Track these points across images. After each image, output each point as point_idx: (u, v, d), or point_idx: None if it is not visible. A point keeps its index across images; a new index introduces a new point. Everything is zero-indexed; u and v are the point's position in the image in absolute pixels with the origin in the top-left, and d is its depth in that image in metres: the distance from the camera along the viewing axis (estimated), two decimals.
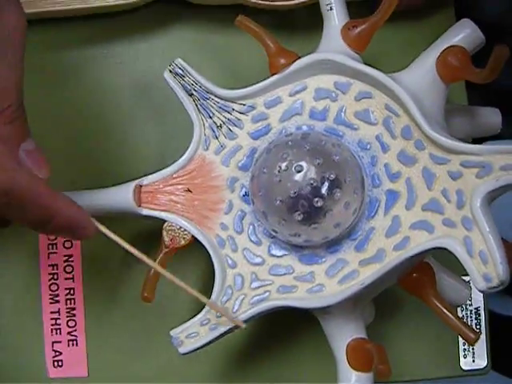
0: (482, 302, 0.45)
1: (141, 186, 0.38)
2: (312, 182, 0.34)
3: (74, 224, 0.33)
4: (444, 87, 0.36)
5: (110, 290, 0.45)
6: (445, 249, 0.32)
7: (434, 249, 0.33)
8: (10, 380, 0.45)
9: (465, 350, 0.45)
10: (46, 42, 0.46)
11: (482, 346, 0.45)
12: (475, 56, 0.37)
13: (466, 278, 0.41)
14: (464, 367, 0.45)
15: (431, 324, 0.45)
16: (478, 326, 0.45)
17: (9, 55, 0.31)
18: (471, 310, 0.45)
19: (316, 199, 0.34)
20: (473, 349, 0.45)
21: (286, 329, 0.45)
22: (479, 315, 0.45)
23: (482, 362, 0.45)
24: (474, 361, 0.45)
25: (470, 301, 0.45)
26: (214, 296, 0.37)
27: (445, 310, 0.35)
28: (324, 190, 0.34)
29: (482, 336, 0.45)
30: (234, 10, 0.42)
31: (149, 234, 0.43)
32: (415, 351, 0.45)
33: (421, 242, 0.34)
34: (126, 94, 0.46)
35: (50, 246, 0.45)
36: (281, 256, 0.38)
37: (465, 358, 0.45)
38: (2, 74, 0.31)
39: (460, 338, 0.45)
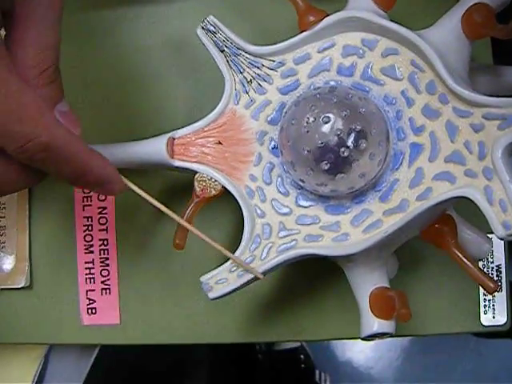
0: (504, 259, 0.46)
1: (174, 138, 0.40)
2: (339, 132, 0.36)
3: (105, 180, 0.35)
4: (468, 44, 0.37)
5: (141, 241, 0.46)
6: (466, 198, 0.34)
7: (455, 198, 0.34)
8: (46, 327, 0.47)
9: (485, 306, 0.46)
10: (79, 3, 0.47)
11: (502, 302, 0.46)
12: (500, 14, 0.38)
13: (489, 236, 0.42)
14: (484, 323, 0.46)
15: (453, 280, 0.46)
16: (499, 283, 0.46)
17: (49, 17, 0.32)
18: (492, 268, 0.46)
19: (342, 149, 0.36)
20: (493, 305, 0.46)
21: (310, 281, 0.46)
22: (500, 272, 0.46)
23: (502, 318, 0.46)
24: (494, 317, 0.46)
25: (492, 258, 0.46)
26: (243, 244, 0.38)
27: (465, 260, 0.36)
28: (350, 141, 0.36)
29: (502, 292, 0.46)
30: None
31: (181, 187, 0.44)
32: (436, 306, 0.46)
33: (443, 192, 0.35)
34: (158, 52, 0.47)
35: (85, 199, 0.46)
36: (307, 206, 0.39)
37: (485, 314, 0.46)
38: (43, 36, 0.32)
39: (481, 295, 0.46)
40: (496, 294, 0.46)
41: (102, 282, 0.46)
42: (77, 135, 0.33)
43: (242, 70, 0.40)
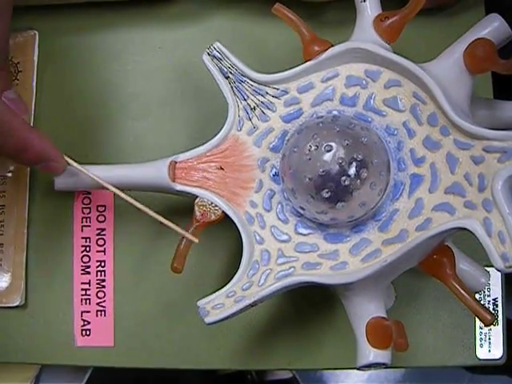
0: (500, 292, 0.46)
1: (176, 162, 0.40)
2: (340, 161, 0.36)
3: (46, 156, 0.37)
4: (470, 78, 0.38)
5: (139, 264, 0.46)
6: (465, 229, 0.34)
7: (454, 229, 0.34)
8: (39, 347, 0.47)
9: (481, 339, 0.46)
10: (86, 25, 0.48)
11: (498, 335, 0.46)
12: (502, 49, 0.38)
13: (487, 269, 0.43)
14: (480, 356, 0.46)
15: (449, 312, 0.46)
16: (495, 316, 0.46)
17: None
18: (489, 301, 0.46)
19: (343, 178, 0.36)
20: (489, 338, 0.46)
21: (307, 309, 0.46)
22: (497, 305, 0.46)
23: (497, 352, 0.46)
24: (489, 350, 0.46)
25: (489, 291, 0.46)
26: (241, 269, 0.38)
27: (462, 291, 0.37)
28: (351, 170, 0.36)
29: (498, 326, 0.46)
30: (268, 0, 0.44)
31: (180, 209, 0.44)
32: (432, 338, 0.46)
33: (442, 223, 0.35)
34: (163, 77, 0.48)
35: (84, 220, 0.46)
36: (307, 234, 0.39)
37: (481, 347, 0.46)
38: None
39: (477, 328, 0.46)
40: (492, 327, 0.46)
41: (98, 304, 0.46)
42: (17, 113, 0.35)
43: (245, 97, 0.40)
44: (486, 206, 0.34)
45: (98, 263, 0.46)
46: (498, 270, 0.33)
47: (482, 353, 0.46)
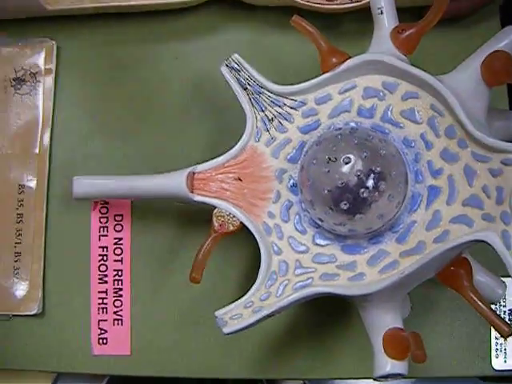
0: None
1: (194, 173, 0.40)
2: (359, 173, 0.36)
3: None
4: (488, 90, 0.38)
5: (156, 273, 0.47)
6: (483, 241, 0.34)
7: (472, 241, 0.35)
8: (55, 355, 0.47)
9: (497, 349, 0.46)
10: (104, 37, 0.49)
11: None
12: None
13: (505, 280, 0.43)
14: (495, 367, 0.46)
15: (464, 323, 0.46)
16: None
17: None
18: (505, 311, 0.46)
19: (362, 190, 0.36)
20: (505, 349, 0.46)
21: (322, 319, 0.46)
22: None
23: None
24: (505, 361, 0.46)
25: (505, 301, 0.46)
26: (259, 280, 0.38)
27: (479, 303, 0.37)
28: (370, 182, 0.36)
29: None
30: (285, 12, 0.44)
31: (198, 219, 0.45)
32: (447, 348, 0.46)
33: (460, 235, 0.35)
34: (181, 88, 0.48)
35: (102, 229, 0.47)
36: (324, 245, 0.39)
37: (497, 357, 0.46)
38: None
39: (493, 338, 0.46)
40: (508, 337, 0.46)
41: (115, 313, 0.46)
42: None
43: (263, 108, 0.40)
44: (505, 218, 0.34)
45: (115, 272, 0.47)
46: None
47: (498, 363, 0.46)
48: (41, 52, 0.48)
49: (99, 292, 0.47)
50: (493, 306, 0.46)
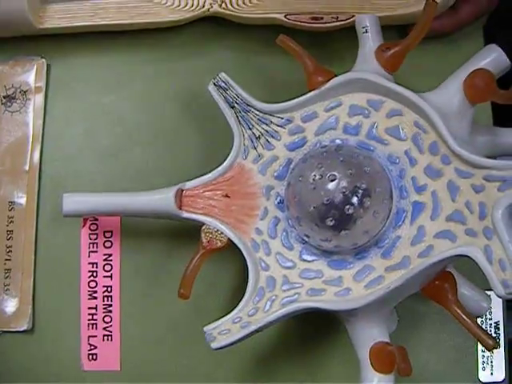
0: (502, 316, 0.47)
1: (182, 190, 0.41)
2: (344, 190, 0.37)
3: None
4: (470, 107, 0.39)
5: (145, 289, 0.47)
6: (466, 256, 0.35)
7: (456, 256, 0.35)
8: (46, 371, 0.47)
9: (483, 362, 0.47)
10: (96, 53, 0.49)
11: (500, 359, 0.46)
12: (500, 79, 0.39)
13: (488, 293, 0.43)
14: (482, 379, 0.47)
15: (451, 336, 0.46)
16: (497, 340, 0.47)
17: None
18: (490, 324, 0.47)
19: (347, 206, 0.37)
20: (491, 362, 0.47)
21: (311, 333, 0.46)
22: (498, 329, 0.47)
23: (500, 375, 0.47)
24: (492, 373, 0.47)
25: (490, 314, 0.47)
26: (247, 295, 0.39)
27: (464, 317, 0.37)
28: (355, 199, 0.37)
29: (500, 349, 0.47)
30: (273, 30, 0.45)
31: (186, 236, 0.45)
32: (434, 361, 0.46)
33: (444, 250, 0.36)
34: (169, 106, 0.48)
35: (91, 245, 0.47)
36: (311, 261, 0.40)
37: (483, 370, 0.47)
38: None
39: (479, 351, 0.46)
40: (494, 350, 0.46)
41: (104, 329, 0.47)
42: None
43: (251, 126, 0.41)
44: (487, 233, 0.34)
45: (105, 288, 0.47)
46: (499, 297, 0.33)
47: (485, 376, 0.47)
48: (31, 70, 0.49)
49: (89, 308, 0.47)
50: (478, 319, 0.47)
